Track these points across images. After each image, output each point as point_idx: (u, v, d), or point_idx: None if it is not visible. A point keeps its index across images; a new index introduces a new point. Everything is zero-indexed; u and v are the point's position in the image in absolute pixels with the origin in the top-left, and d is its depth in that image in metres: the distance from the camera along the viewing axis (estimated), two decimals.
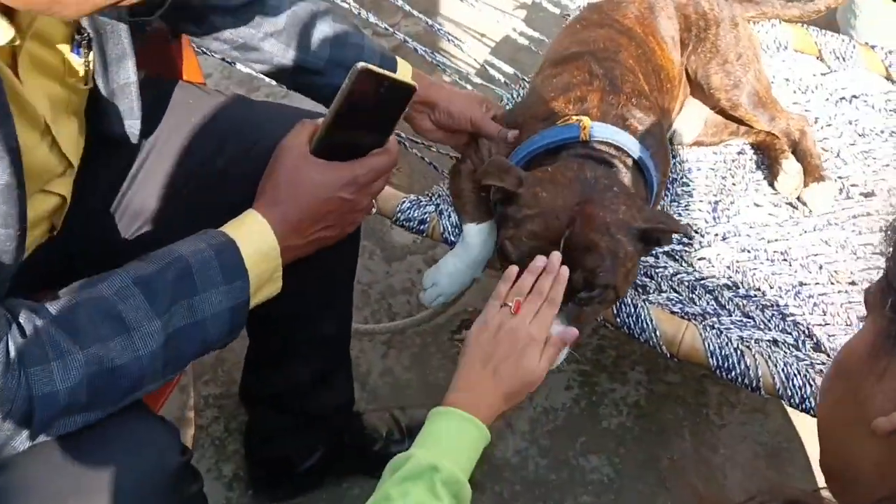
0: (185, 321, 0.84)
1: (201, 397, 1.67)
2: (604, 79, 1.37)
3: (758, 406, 1.72)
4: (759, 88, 1.55)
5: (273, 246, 0.91)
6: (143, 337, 0.81)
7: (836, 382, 0.68)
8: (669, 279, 1.37)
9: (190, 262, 0.86)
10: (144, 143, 1.11)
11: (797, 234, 1.48)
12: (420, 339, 1.79)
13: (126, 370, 0.81)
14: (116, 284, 0.82)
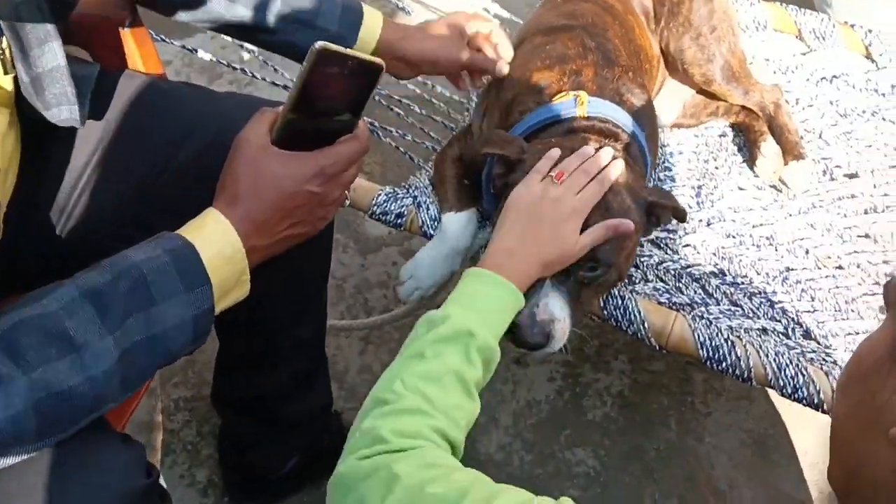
0: (142, 335, 0.78)
1: (171, 400, 1.61)
2: (597, 52, 1.31)
3: (743, 393, 1.70)
4: (732, 62, 1.51)
5: (237, 248, 0.84)
6: (94, 355, 0.74)
7: (852, 384, 0.64)
8: (655, 268, 1.33)
9: (144, 272, 0.78)
10: (94, 138, 1.03)
11: (782, 217, 1.45)
12: (399, 333, 1.74)
13: (78, 392, 0.74)
14: (64, 298, 0.75)
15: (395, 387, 0.82)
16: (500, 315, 0.92)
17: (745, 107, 1.55)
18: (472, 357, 0.85)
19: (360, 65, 0.86)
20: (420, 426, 0.79)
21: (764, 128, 1.52)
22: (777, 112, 1.52)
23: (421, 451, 0.76)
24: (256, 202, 0.86)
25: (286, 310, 1.19)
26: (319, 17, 1.16)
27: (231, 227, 0.84)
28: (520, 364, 1.71)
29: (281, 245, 0.91)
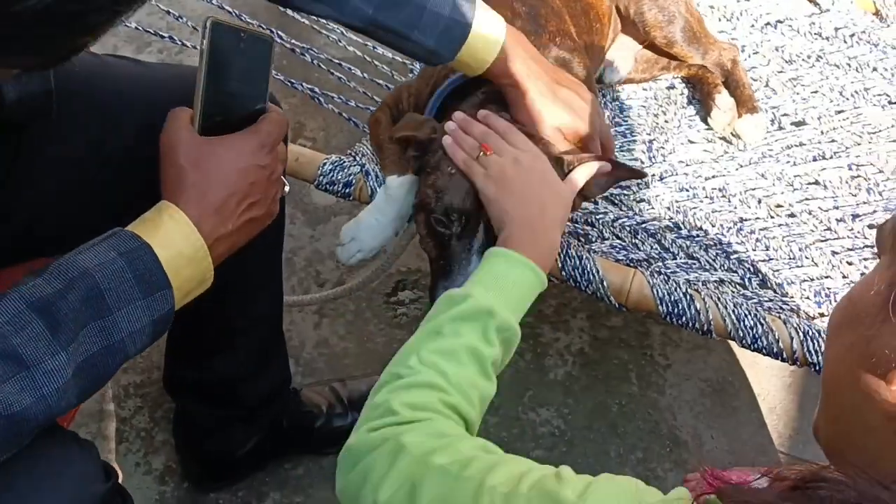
0: (98, 346, 0.73)
1: (120, 387, 1.55)
2: (527, 18, 1.29)
3: (700, 343, 1.71)
4: (692, 21, 1.50)
5: (198, 247, 0.79)
6: (45, 374, 0.69)
7: (844, 328, 0.62)
8: (611, 225, 1.32)
9: (98, 279, 0.73)
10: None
11: (733, 168, 1.44)
12: (354, 305, 1.70)
13: (30, 413, 0.68)
14: (9, 311, 0.69)
15: (411, 362, 0.81)
16: (523, 295, 0.92)
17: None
18: (490, 336, 0.85)
19: (253, 38, 0.85)
20: (432, 399, 0.79)
21: (717, 81, 1.51)
22: (734, 68, 1.51)
23: (429, 423, 0.76)
24: (210, 188, 0.81)
25: (242, 287, 1.13)
26: (417, 29, 1.06)
27: (190, 224, 0.79)
28: None
29: (244, 232, 0.86)
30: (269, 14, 1.83)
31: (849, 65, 1.60)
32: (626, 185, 1.37)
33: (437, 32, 1.05)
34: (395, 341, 1.65)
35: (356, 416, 1.44)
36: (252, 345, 1.23)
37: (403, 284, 1.74)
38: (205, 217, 0.80)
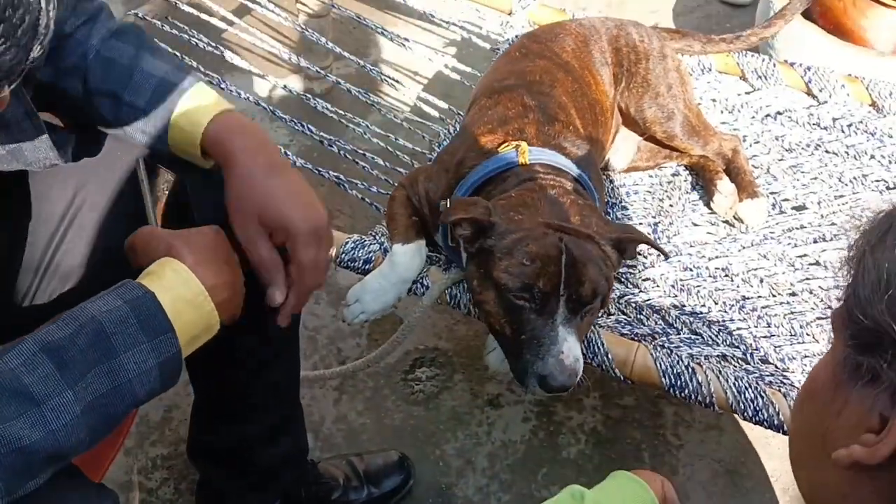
0: (106, 386, 0.79)
1: (149, 459, 1.61)
2: (537, 110, 1.39)
3: (712, 423, 1.73)
4: (690, 117, 1.59)
5: (198, 291, 0.87)
6: (54, 410, 0.76)
7: (803, 407, 0.66)
8: (617, 301, 1.38)
9: (104, 323, 0.80)
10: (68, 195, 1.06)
11: (736, 250, 1.51)
12: (373, 382, 1.76)
13: (39, 447, 0.75)
14: (24, 354, 0.76)
15: None
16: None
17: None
18: None
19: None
20: None
21: (718, 168, 1.59)
22: (735, 157, 1.59)
23: None
24: (195, 245, 0.89)
25: (259, 355, 1.21)
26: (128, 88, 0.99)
27: (188, 271, 0.87)
28: (494, 406, 1.73)
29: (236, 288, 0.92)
30: (300, 109, 1.96)
31: (847, 153, 1.67)
32: (632, 263, 1.44)
33: (150, 90, 0.98)
34: (412, 417, 1.70)
35: (372, 489, 1.50)
36: (268, 411, 1.29)
37: (421, 362, 1.80)
38: (199, 264, 0.87)
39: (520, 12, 1.92)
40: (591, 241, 1.17)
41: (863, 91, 1.74)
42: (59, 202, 1.07)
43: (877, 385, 0.56)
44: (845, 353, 0.59)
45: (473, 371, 1.78)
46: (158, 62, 0.99)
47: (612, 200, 1.59)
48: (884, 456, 0.55)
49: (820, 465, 0.62)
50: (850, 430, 0.58)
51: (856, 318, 0.58)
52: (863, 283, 0.58)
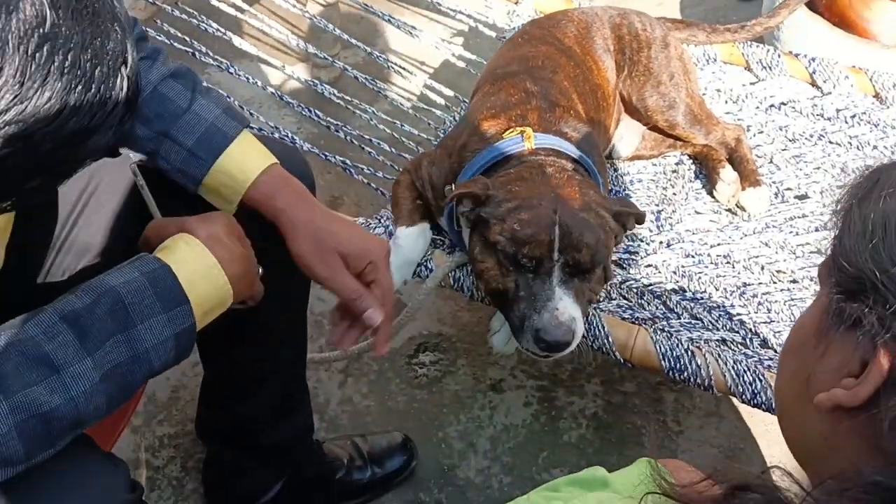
0: (123, 355, 0.82)
1: (156, 437, 1.63)
2: (539, 96, 1.41)
3: (712, 410, 1.75)
4: (693, 106, 1.60)
5: (211, 264, 0.89)
6: (73, 377, 0.78)
7: (787, 358, 0.69)
8: (619, 286, 1.40)
9: (122, 294, 0.82)
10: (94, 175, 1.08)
11: (738, 237, 1.52)
12: (377, 365, 1.78)
13: (59, 413, 0.78)
14: (43, 323, 0.79)
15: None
16: None
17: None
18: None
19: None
20: None
21: (721, 157, 1.61)
22: (738, 146, 1.61)
23: None
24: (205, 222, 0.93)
25: (267, 334, 1.23)
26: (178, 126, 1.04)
27: (201, 244, 0.90)
28: (496, 390, 1.75)
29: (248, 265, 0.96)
30: (308, 96, 1.98)
31: (850, 143, 1.68)
32: (634, 250, 1.46)
33: (200, 132, 1.04)
34: (415, 401, 1.73)
35: (375, 469, 1.53)
36: (275, 389, 1.32)
37: (424, 347, 1.82)
38: (211, 240, 0.91)
39: (526, 1, 1.93)
40: (587, 210, 1.20)
41: (866, 82, 1.75)
42: (75, 184, 1.09)
43: (858, 329, 0.59)
44: (830, 300, 0.62)
45: (476, 356, 1.80)
46: (211, 105, 1.05)
47: (616, 188, 1.61)
48: (863, 398, 0.58)
49: (803, 411, 0.65)
50: (832, 374, 0.61)
51: (841, 265, 0.61)
52: (848, 234, 0.61)
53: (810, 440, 0.66)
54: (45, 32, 0.62)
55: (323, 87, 1.83)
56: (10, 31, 0.61)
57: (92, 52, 0.66)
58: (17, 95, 0.62)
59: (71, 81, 0.65)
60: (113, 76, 0.68)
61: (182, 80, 1.05)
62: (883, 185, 0.61)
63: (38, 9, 0.62)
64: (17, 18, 0.61)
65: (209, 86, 1.12)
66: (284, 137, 1.70)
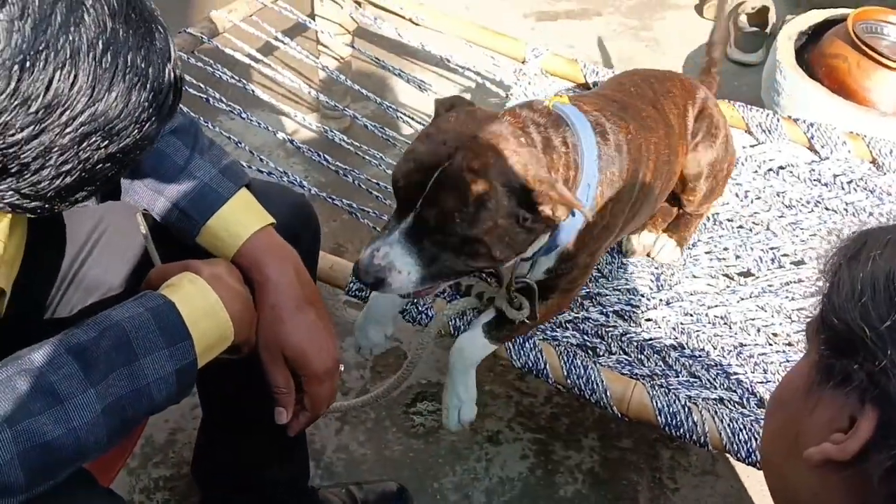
0: (126, 389, 0.84)
1: (151, 479, 1.63)
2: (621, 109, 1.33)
3: (708, 468, 1.75)
4: (716, 192, 1.59)
5: (213, 301, 0.92)
6: (76, 408, 0.80)
7: (775, 413, 0.71)
8: (619, 339, 1.42)
9: (126, 328, 0.85)
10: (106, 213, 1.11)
11: (735, 301, 1.54)
12: (374, 413, 1.79)
13: (61, 443, 0.79)
14: (50, 354, 0.81)
15: None
16: None
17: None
18: None
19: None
20: None
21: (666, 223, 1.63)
22: (696, 219, 1.63)
23: None
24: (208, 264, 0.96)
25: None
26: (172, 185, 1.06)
27: (204, 283, 0.92)
28: (493, 442, 1.76)
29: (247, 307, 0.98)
30: (318, 143, 2.03)
31: (846, 209, 1.71)
32: (635, 304, 1.48)
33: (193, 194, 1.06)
34: (412, 450, 1.73)
35: None
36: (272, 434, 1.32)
37: (423, 396, 1.83)
38: (214, 278, 0.93)
39: (533, 61, 1.99)
40: (480, 173, 1.04)
41: (864, 148, 1.79)
42: (86, 222, 1.12)
43: (847, 385, 0.61)
44: (819, 356, 0.64)
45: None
46: (207, 165, 1.08)
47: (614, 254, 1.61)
48: (852, 452, 0.60)
49: (791, 465, 0.67)
50: (822, 429, 0.63)
51: (830, 323, 0.63)
52: (837, 293, 0.64)
53: (798, 494, 0.67)
54: (108, 39, 0.69)
55: (333, 134, 1.87)
56: (81, 42, 0.67)
57: (144, 51, 0.72)
58: (90, 98, 0.69)
59: (131, 80, 0.71)
60: (162, 71, 0.75)
61: (183, 137, 1.08)
62: (871, 247, 0.64)
63: (99, 18, 0.68)
64: (84, 28, 0.67)
65: (212, 140, 1.13)
66: (293, 183, 1.73)
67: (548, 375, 1.31)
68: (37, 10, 0.64)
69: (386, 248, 1.07)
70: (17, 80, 0.64)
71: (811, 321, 0.68)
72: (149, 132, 0.76)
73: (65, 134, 0.68)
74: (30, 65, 0.64)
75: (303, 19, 2.14)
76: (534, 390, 1.85)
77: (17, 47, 0.63)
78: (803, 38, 2.34)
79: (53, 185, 0.71)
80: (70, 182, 0.72)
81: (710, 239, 1.66)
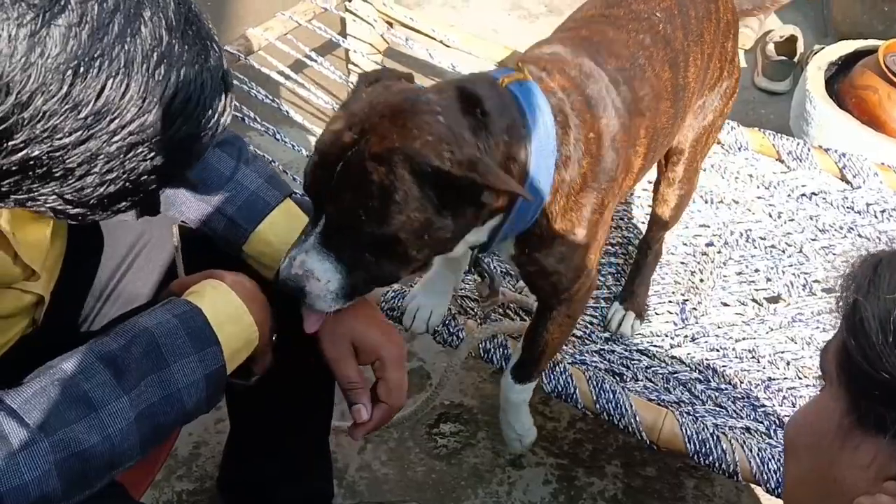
0: (157, 395, 0.84)
1: (175, 492, 1.63)
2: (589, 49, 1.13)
3: (732, 499, 1.72)
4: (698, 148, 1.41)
5: (237, 305, 0.92)
6: (110, 415, 0.81)
7: (799, 457, 0.68)
8: (644, 371, 1.41)
9: (156, 335, 0.86)
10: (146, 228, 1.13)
11: (764, 332, 1.53)
12: (398, 433, 1.78)
13: (96, 451, 0.80)
14: (82, 363, 0.82)
15: None
16: None
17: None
18: None
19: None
20: None
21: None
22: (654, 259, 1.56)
23: None
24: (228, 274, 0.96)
25: (298, 395, 1.25)
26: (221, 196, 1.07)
27: (228, 288, 0.93)
28: (515, 466, 1.74)
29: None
30: None
31: (879, 238, 1.70)
32: (658, 343, 1.47)
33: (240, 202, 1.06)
34: (434, 471, 1.72)
35: None
36: (298, 450, 1.33)
37: (446, 417, 1.82)
38: (237, 284, 0.93)
39: None
40: (383, 160, 0.91)
41: (895, 179, 1.78)
42: (126, 237, 1.13)
43: (888, 431, 0.58)
44: (851, 401, 0.61)
45: (497, 430, 1.79)
46: (253, 174, 1.09)
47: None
48: None
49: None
50: (865, 474, 0.60)
51: (860, 366, 0.59)
52: (864, 334, 0.59)
53: None
54: (162, 52, 0.69)
55: None
56: (136, 53, 0.67)
57: (198, 67, 0.72)
58: (140, 108, 0.68)
59: (183, 94, 0.71)
60: (214, 88, 0.74)
61: (228, 149, 1.09)
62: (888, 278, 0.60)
63: (156, 31, 0.68)
64: (140, 39, 0.67)
65: (255, 152, 1.14)
66: None
67: (577, 400, 1.30)
68: (95, 18, 0.64)
69: (302, 256, 0.96)
70: (70, 85, 0.64)
71: (828, 353, 0.64)
72: (200, 147, 0.77)
73: (112, 142, 0.69)
74: (83, 71, 0.65)
75: (335, 38, 2.16)
76: (557, 415, 1.83)
77: (72, 53, 0.64)
78: (833, 68, 2.33)
79: (97, 193, 0.72)
80: (114, 191, 0.72)
81: (741, 258, 1.66)
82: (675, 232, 1.69)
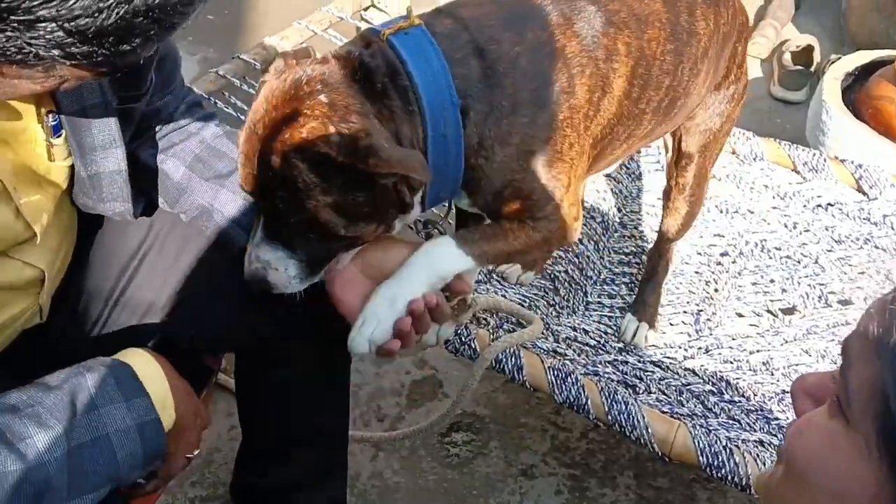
0: (86, 437, 0.83)
1: (187, 499, 1.64)
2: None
3: None
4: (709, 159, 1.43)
5: (157, 367, 0.92)
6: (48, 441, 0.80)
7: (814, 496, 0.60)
8: (658, 382, 1.41)
9: (87, 383, 0.85)
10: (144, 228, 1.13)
11: (778, 344, 1.52)
12: (410, 441, 1.78)
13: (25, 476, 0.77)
14: (12, 401, 0.81)
15: None
16: None
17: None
18: None
19: None
20: None
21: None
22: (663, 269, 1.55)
23: None
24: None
25: (311, 401, 1.25)
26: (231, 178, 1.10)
27: (149, 355, 0.93)
28: (527, 476, 1.74)
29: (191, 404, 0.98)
30: None
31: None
32: (672, 355, 1.46)
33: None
34: (446, 480, 1.72)
35: None
36: (311, 455, 1.33)
37: (458, 426, 1.82)
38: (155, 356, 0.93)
39: None
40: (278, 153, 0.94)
41: None
42: (132, 239, 1.14)
43: None
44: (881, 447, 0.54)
45: (509, 439, 1.80)
46: None
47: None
48: None
49: None
50: None
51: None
52: None
53: None
54: None
55: None
56: None
57: None
58: None
59: None
60: None
61: (234, 139, 1.10)
62: None
63: None
64: None
65: None
66: None
67: (588, 411, 1.30)
68: None
69: (256, 252, 1.02)
70: None
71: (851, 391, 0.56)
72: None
73: None
74: None
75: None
76: (569, 425, 1.83)
77: None
78: (849, 78, 2.32)
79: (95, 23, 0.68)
80: (108, 24, 0.69)
81: (756, 268, 1.65)
82: (690, 241, 1.68)
